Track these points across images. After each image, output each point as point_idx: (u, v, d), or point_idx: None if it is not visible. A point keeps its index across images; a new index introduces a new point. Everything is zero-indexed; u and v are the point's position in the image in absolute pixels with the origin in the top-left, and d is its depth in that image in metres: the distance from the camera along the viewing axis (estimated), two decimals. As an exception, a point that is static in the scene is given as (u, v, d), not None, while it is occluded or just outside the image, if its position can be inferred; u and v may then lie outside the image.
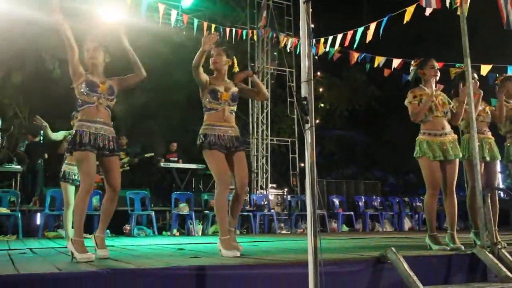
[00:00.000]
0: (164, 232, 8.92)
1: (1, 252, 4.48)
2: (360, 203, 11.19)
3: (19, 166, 9.01)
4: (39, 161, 9.37)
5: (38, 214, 8.19)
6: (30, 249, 4.97)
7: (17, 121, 12.23)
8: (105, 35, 3.83)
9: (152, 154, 10.67)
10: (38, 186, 9.22)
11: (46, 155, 9.49)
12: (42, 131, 9.19)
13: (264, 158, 11.77)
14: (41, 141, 9.64)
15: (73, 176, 5.75)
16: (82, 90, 3.65)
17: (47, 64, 11.92)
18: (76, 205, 3.61)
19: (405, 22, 5.96)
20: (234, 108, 4.12)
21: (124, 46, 3.84)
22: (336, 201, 10.98)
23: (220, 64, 4.07)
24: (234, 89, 4.12)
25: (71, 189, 5.80)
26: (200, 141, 3.97)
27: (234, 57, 4.22)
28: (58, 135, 6.02)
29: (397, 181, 18.63)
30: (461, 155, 4.25)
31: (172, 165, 10.24)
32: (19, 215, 7.68)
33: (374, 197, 11.72)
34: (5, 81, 11.63)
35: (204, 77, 4.00)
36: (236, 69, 4.26)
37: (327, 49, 8.34)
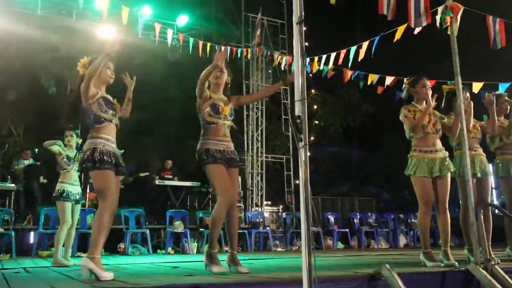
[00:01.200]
0: (158, 250, 8.86)
1: (-6, 272, 4.44)
2: (355, 220, 11.18)
3: (13, 185, 8.95)
4: (35, 184, 9.30)
5: (32, 233, 8.13)
6: (24, 268, 4.93)
7: (11, 139, 12.18)
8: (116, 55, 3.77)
9: (147, 173, 10.61)
10: (33, 203, 9.13)
11: (41, 178, 9.41)
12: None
13: (259, 175, 11.75)
14: (38, 163, 9.60)
15: (69, 195, 5.74)
16: (101, 108, 3.63)
17: (42, 82, 11.95)
18: (94, 223, 3.52)
19: (395, 40, 6.05)
20: (231, 123, 4.17)
21: (128, 92, 4.03)
22: (331, 218, 10.96)
23: (222, 80, 4.19)
24: (231, 105, 4.22)
25: (68, 206, 5.77)
26: (203, 156, 3.92)
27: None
28: (54, 149, 5.95)
29: (392, 197, 18.62)
30: (452, 170, 4.29)
31: (167, 182, 10.17)
32: (13, 234, 7.61)
33: (369, 214, 11.73)
34: (0, 98, 11.63)
35: (206, 89, 4.08)
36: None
37: (321, 67, 8.41)
